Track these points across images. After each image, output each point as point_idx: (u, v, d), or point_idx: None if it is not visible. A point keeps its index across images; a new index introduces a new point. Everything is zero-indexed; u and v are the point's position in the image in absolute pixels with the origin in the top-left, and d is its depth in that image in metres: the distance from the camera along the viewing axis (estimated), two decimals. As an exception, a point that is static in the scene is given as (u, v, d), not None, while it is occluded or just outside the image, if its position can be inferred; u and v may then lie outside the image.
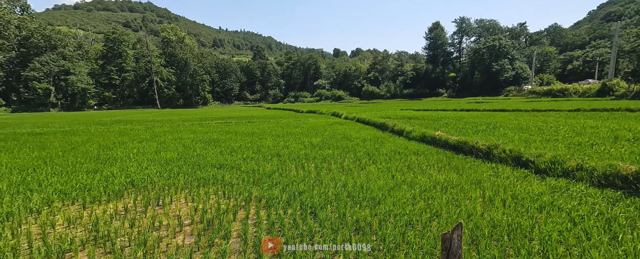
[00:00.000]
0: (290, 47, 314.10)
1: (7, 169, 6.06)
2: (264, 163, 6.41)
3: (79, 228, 3.40)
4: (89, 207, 4.04)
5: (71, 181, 5.11)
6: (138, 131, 13.28)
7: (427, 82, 76.62)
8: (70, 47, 64.19)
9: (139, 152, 7.80)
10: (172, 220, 3.60)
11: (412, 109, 24.52)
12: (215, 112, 33.28)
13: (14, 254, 2.75)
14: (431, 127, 10.93)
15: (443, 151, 7.16)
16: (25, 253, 2.86)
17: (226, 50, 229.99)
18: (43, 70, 56.03)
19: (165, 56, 72.51)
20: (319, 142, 9.16)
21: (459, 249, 1.86)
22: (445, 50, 78.98)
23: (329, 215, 3.55)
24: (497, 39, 64.07)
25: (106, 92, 65.16)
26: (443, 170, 5.47)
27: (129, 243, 3.06)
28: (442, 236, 1.91)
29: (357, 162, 6.40)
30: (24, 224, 3.50)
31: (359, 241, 2.90)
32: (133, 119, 22.79)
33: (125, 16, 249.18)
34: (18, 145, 9.53)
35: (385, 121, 13.22)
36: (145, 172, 5.60)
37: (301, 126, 14.22)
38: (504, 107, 20.83)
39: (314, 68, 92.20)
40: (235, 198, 4.30)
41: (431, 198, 3.98)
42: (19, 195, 4.40)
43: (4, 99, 56.17)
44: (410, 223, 3.24)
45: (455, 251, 1.85)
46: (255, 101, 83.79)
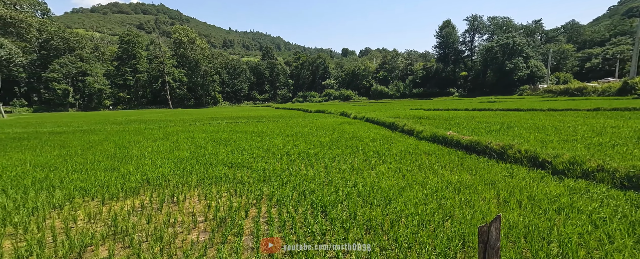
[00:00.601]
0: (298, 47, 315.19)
1: (31, 167, 6.34)
2: (274, 162, 6.47)
3: (99, 223, 3.53)
4: (107, 203, 4.19)
5: (90, 178, 5.30)
6: (152, 131, 13.63)
7: (437, 81, 75.37)
8: (87, 49, 66.50)
9: (153, 151, 8.01)
10: (186, 217, 3.69)
11: (422, 109, 24.17)
12: (225, 112, 33.78)
13: (40, 247, 2.88)
14: (442, 127, 10.75)
15: (455, 151, 7.04)
16: (50, 246, 2.99)
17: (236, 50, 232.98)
18: (62, 71, 58.28)
19: (177, 57, 74.13)
20: (328, 141, 9.17)
21: (497, 241, 1.85)
22: (456, 49, 77.46)
23: (339, 214, 3.56)
24: (510, 36, 62.32)
25: (121, 92, 67.18)
26: (455, 170, 5.38)
27: (146, 238, 3.15)
28: (479, 229, 1.90)
29: (367, 161, 6.37)
30: (48, 219, 3.66)
31: (371, 240, 2.89)
32: (147, 119, 23.41)
33: (139, 18, 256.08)
34: (40, 143, 9.95)
35: (394, 121, 13.09)
36: (160, 171, 5.75)
37: (310, 126, 14.26)
38: (518, 106, 20.27)
39: (323, 68, 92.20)
40: (246, 196, 4.36)
41: (443, 198, 3.93)
42: (43, 191, 4.60)
43: (26, 100, 58.72)
44: (423, 223, 3.21)
45: (493, 244, 1.85)
46: (264, 101, 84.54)
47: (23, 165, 6.49)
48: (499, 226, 1.86)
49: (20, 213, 3.71)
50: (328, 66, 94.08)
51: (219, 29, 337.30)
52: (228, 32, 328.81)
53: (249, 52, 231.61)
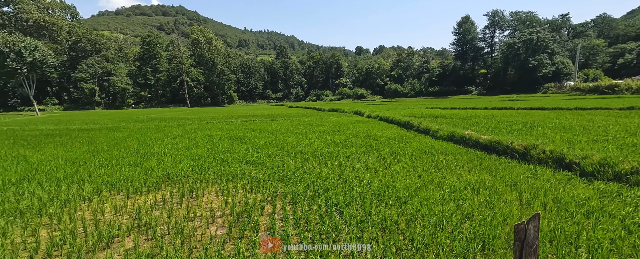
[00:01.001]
0: (312, 46, 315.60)
1: (63, 161, 6.76)
2: (288, 160, 6.53)
3: (124, 216, 3.72)
4: (132, 197, 4.40)
5: (116, 173, 5.58)
6: (171, 128, 14.14)
7: (454, 79, 73.09)
8: (112, 50, 69.90)
9: (173, 148, 8.31)
10: (205, 212, 3.81)
11: (438, 108, 23.56)
12: (240, 111, 34.45)
13: (73, 237, 3.08)
14: (460, 126, 10.44)
15: (473, 151, 6.82)
16: (81, 236, 3.19)
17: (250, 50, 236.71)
18: (89, 71, 61.62)
19: (195, 57, 76.33)
20: (341, 140, 9.14)
21: (535, 240, 1.81)
22: (475, 46, 74.70)
23: (354, 213, 3.55)
24: (534, 32, 59.26)
25: (143, 91, 70.13)
26: (474, 171, 5.22)
27: (168, 231, 3.29)
28: (515, 227, 1.86)
29: (381, 160, 6.30)
30: (79, 211, 3.90)
31: (386, 240, 2.87)
32: (166, 117, 24.31)
33: (159, 20, 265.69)
34: (70, 140, 10.58)
35: (409, 120, 12.85)
36: (179, 167, 5.96)
37: (323, 124, 14.28)
38: (542, 105, 19.30)
39: (336, 66, 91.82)
40: (262, 193, 4.44)
41: (462, 199, 3.82)
42: (74, 184, 4.90)
43: (57, 98, 62.64)
44: (440, 224, 3.14)
45: (531, 242, 1.80)
46: (278, 100, 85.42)
47: (56, 160, 6.93)
48: (537, 224, 1.80)
49: (54, 205, 3.98)
50: (342, 64, 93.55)
51: (234, 29, 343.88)
52: (243, 32, 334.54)
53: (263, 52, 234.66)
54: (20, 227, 3.38)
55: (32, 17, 59.27)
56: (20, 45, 45.42)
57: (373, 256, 2.65)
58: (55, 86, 62.93)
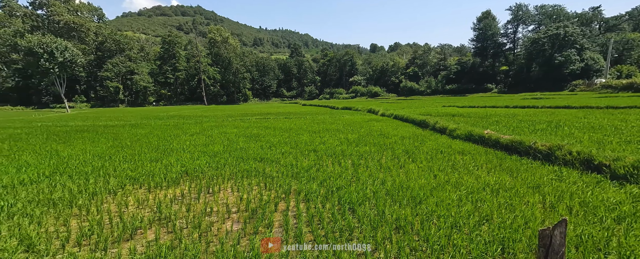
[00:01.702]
0: (326, 44, 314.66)
1: (90, 156, 7.17)
2: (302, 158, 6.58)
3: (146, 209, 3.90)
4: (153, 191, 4.60)
5: (138, 168, 5.85)
6: (189, 125, 14.61)
7: (473, 76, 70.51)
8: (134, 49, 72.99)
9: (191, 145, 8.59)
10: (221, 207, 3.92)
11: (455, 106, 22.86)
12: (255, 109, 35.01)
13: (100, 228, 3.27)
14: (478, 125, 10.08)
15: (493, 151, 6.57)
16: (107, 227, 3.37)
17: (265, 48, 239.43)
18: (114, 70, 64.77)
19: (212, 56, 78.24)
20: (355, 138, 9.09)
21: (561, 247, 1.74)
22: (496, 42, 71.59)
23: (367, 212, 3.53)
24: (561, 26, 55.92)
25: (163, 89, 72.85)
26: (493, 171, 5.03)
27: (187, 224, 3.42)
28: (540, 233, 1.79)
29: (395, 160, 6.21)
30: (105, 203, 4.13)
31: (400, 240, 2.83)
32: (184, 114, 25.13)
33: (178, 20, 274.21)
34: (97, 136, 11.19)
35: (425, 118, 12.56)
36: (196, 163, 6.15)
37: (337, 123, 14.24)
38: (568, 103, 18.25)
39: (350, 64, 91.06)
40: (276, 190, 4.51)
41: (480, 200, 3.70)
42: (100, 178, 5.18)
43: (85, 96, 66.33)
44: (456, 226, 3.06)
45: (557, 249, 1.74)
46: (292, 98, 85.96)
47: (84, 154, 7.36)
48: (564, 230, 1.72)
49: (83, 197, 4.23)
50: (356, 62, 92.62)
51: (250, 27, 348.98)
52: (258, 31, 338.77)
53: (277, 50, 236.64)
54: (53, 217, 3.62)
55: (63, 19, 62.91)
56: (52, 46, 48.44)
57: (387, 256, 2.63)
58: (83, 84, 66.59)
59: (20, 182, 4.91)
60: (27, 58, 51.00)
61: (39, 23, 62.91)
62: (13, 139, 10.34)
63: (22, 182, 4.92)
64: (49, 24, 63.41)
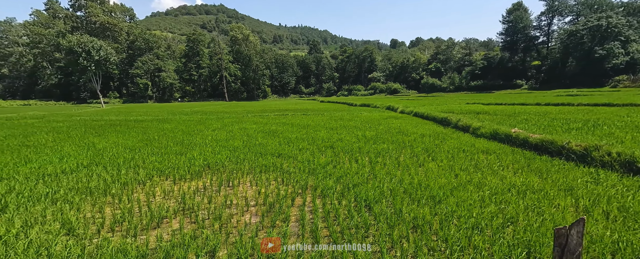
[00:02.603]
0: (345, 40, 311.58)
1: (122, 149, 7.68)
2: (319, 154, 6.61)
3: (171, 200, 4.12)
4: (178, 183, 4.85)
5: (165, 160, 6.19)
6: (211, 121, 15.17)
7: (501, 72, 66.65)
8: (162, 48, 76.72)
9: (213, 140, 8.92)
10: (240, 200, 4.05)
11: (480, 103, 21.81)
12: (274, 105, 35.57)
13: (130, 215, 3.51)
14: (505, 123, 9.57)
15: (520, 151, 6.22)
16: (137, 215, 3.61)
17: (284, 45, 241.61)
18: (143, 68, 68.57)
19: (233, 53, 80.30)
20: (373, 135, 8.98)
21: (578, 247, 1.65)
22: (527, 35, 66.94)
23: (384, 209, 3.49)
24: (603, 17, 51.14)
25: (187, 86, 76.06)
26: (520, 172, 4.77)
27: (208, 216, 3.57)
28: (555, 231, 1.71)
29: (414, 158, 6.07)
30: (135, 193, 4.42)
31: (418, 239, 2.78)
32: (207, 110, 26.10)
33: (202, 19, 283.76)
34: (128, 129, 11.94)
35: (447, 116, 12.12)
36: (218, 157, 6.39)
37: (354, 119, 14.12)
38: (609, 101, 16.76)
39: (369, 60, 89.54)
40: (293, 185, 4.58)
41: (505, 202, 3.53)
42: (131, 169, 5.55)
43: (118, 92, 70.92)
44: (478, 227, 2.95)
45: (573, 249, 1.65)
46: (310, 94, 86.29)
47: (117, 147, 7.90)
48: (581, 230, 1.62)
49: (116, 186, 4.55)
50: (375, 58, 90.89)
51: (270, 25, 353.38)
52: (278, 28, 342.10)
53: (296, 47, 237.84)
54: (90, 204, 3.94)
55: (99, 19, 67.35)
56: (89, 45, 52.08)
57: (403, 255, 2.59)
58: (116, 81, 71.09)
59: (62, 171, 5.38)
60: (67, 57, 55.28)
61: (78, 24, 67.82)
62: (56, 132, 11.31)
63: (64, 171, 5.38)
64: (86, 25, 68.17)
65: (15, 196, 4.03)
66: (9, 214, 3.47)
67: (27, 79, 67.99)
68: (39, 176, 5.05)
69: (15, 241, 2.82)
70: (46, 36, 63.12)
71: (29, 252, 2.62)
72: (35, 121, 16.37)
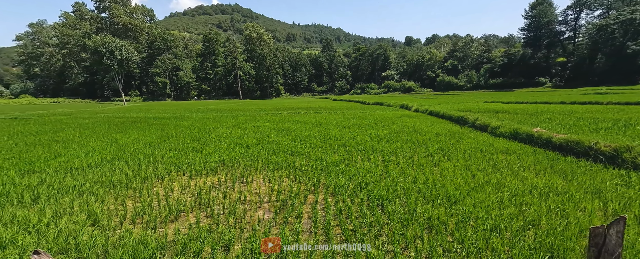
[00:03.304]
0: (358, 38, 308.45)
1: (142, 144, 8.00)
2: (331, 152, 6.60)
3: (188, 194, 4.25)
4: (194, 178, 5.00)
5: (182, 156, 6.39)
6: (226, 119, 15.49)
7: (522, 69, 63.73)
8: (179, 47, 79.02)
9: (227, 137, 9.11)
10: (253, 196, 4.12)
11: (499, 102, 21.00)
12: (286, 103, 35.84)
13: (150, 208, 3.65)
14: (526, 122, 9.17)
15: (543, 151, 5.94)
16: (156, 208, 3.76)
17: (298, 44, 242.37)
18: (162, 67, 70.99)
19: (247, 52, 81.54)
20: (386, 134, 8.86)
21: (617, 247, 1.55)
22: (552, 30, 63.54)
23: (397, 209, 3.44)
24: (638, 10, 47.76)
25: (203, 85, 78.04)
26: (543, 173, 4.55)
27: (223, 210, 3.66)
28: (591, 231, 1.63)
29: (429, 157, 5.94)
30: (154, 187, 4.59)
31: (432, 239, 2.72)
32: (222, 108, 26.68)
33: (218, 18, 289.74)
34: (148, 126, 12.42)
35: (464, 115, 11.75)
36: (232, 154, 6.52)
37: (367, 118, 13.99)
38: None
39: (383, 58, 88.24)
40: (305, 183, 4.60)
41: (525, 204, 3.38)
42: (150, 164, 5.77)
43: (139, 90, 73.86)
44: (496, 229, 2.85)
45: (612, 250, 1.55)
46: (322, 93, 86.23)
47: (137, 143, 8.23)
48: (622, 229, 1.52)
49: (136, 180, 4.75)
50: (389, 56, 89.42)
51: (283, 23, 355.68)
52: (291, 27, 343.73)
53: (309, 45, 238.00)
54: (113, 196, 4.13)
55: (121, 20, 70.26)
56: (112, 45, 54.47)
57: (418, 255, 2.55)
58: (137, 79, 73.98)
59: (88, 165, 5.67)
60: (92, 56, 58.10)
61: (102, 25, 71.07)
62: (82, 128, 11.93)
63: (89, 165, 5.67)
64: (110, 25, 71.32)
65: (46, 188, 4.30)
66: (40, 205, 3.70)
67: (57, 78, 72.07)
68: (67, 170, 5.35)
69: (47, 229, 3.01)
70: (74, 37, 66.64)
71: (59, 240, 2.79)
72: (63, 118, 17.35)
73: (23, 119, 16.41)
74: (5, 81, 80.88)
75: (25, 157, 6.37)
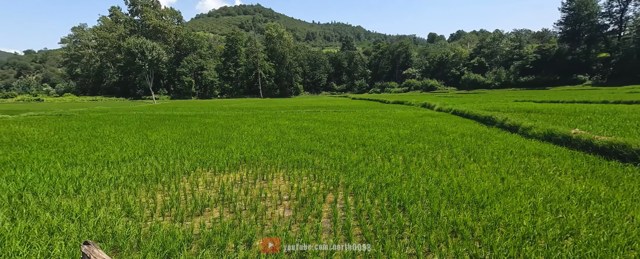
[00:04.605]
0: (379, 36, 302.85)
1: (170, 141, 8.42)
2: (350, 152, 6.55)
3: (212, 190, 4.42)
4: (217, 174, 5.18)
5: (206, 153, 6.64)
6: (247, 117, 15.90)
7: (558, 66, 59.20)
8: (204, 47, 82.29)
9: (248, 135, 9.35)
10: (274, 194, 4.19)
11: (531, 101, 19.69)
12: (306, 102, 36.07)
13: (177, 202, 3.84)
14: (563, 123, 8.52)
15: (582, 154, 5.49)
16: (183, 202, 3.94)
17: (317, 42, 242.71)
18: (188, 67, 74.37)
19: (268, 51, 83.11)
20: (407, 134, 8.63)
21: None
22: (593, 24, 58.30)
23: (419, 211, 3.34)
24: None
25: (226, 83, 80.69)
26: (583, 178, 4.21)
27: (245, 206, 3.76)
28: None
29: (453, 158, 5.70)
30: (181, 182, 4.82)
31: (458, 244, 2.60)
32: (243, 107, 27.42)
33: (240, 19, 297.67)
34: (175, 123, 13.06)
35: (491, 114, 11.16)
36: (253, 151, 6.67)
37: (387, 117, 13.71)
38: (703, 99, 13.95)
39: (404, 56, 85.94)
40: (324, 182, 4.60)
41: (562, 210, 3.14)
42: (177, 160, 6.06)
43: (167, 89, 77.97)
44: (529, 236, 2.67)
45: None
46: (341, 91, 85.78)
47: (166, 139, 8.68)
48: None
49: (165, 175, 5.01)
50: (410, 53, 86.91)
51: (303, 22, 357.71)
52: (311, 25, 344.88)
53: (329, 44, 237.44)
54: (144, 190, 4.39)
55: (152, 23, 74.40)
56: (143, 46, 57.82)
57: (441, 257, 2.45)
58: (165, 79, 78.08)
59: (122, 160, 6.07)
60: (126, 57, 62.03)
61: (135, 27, 75.71)
62: (117, 124, 12.80)
63: (123, 160, 6.07)
64: (142, 28, 75.81)
65: (87, 180, 4.66)
66: (82, 195, 4.02)
67: (95, 78, 77.91)
68: (104, 163, 5.77)
69: (87, 218, 3.26)
70: (110, 39, 71.64)
71: (98, 229, 3.01)
72: (100, 114, 18.72)
73: (66, 116, 17.93)
74: (51, 80, 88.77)
75: (69, 151, 6.94)
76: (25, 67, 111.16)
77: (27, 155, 6.47)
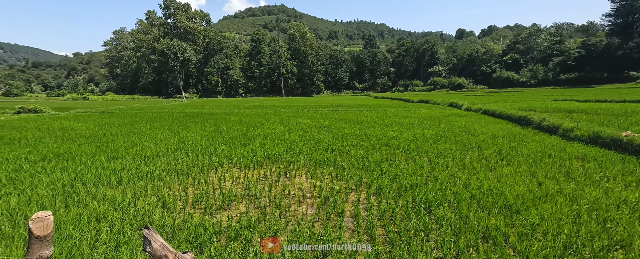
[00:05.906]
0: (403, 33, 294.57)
1: (199, 137, 8.86)
2: (373, 151, 6.46)
3: (238, 185, 4.59)
4: (243, 170, 5.36)
5: (232, 150, 6.90)
6: (270, 115, 16.26)
7: (606, 62, 53.61)
8: (230, 48, 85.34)
9: (271, 133, 9.56)
10: (297, 191, 4.25)
11: (573, 100, 18.09)
12: (327, 101, 36.09)
13: (207, 196, 4.04)
14: (611, 124, 7.73)
15: (635, 159, 4.97)
16: (211, 196, 4.14)
17: (339, 41, 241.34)
18: (215, 67, 77.61)
19: (290, 51, 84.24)
20: (432, 134, 8.33)
21: None
22: (650, 13, 52.13)
23: (447, 214, 3.22)
24: None
25: (250, 83, 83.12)
26: (635, 185, 3.81)
27: (269, 202, 3.86)
28: None
29: (483, 160, 5.41)
30: (209, 177, 5.06)
31: (490, 251, 2.47)
32: (266, 105, 28.07)
33: (264, 19, 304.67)
34: (203, 121, 13.71)
35: (527, 114, 10.42)
36: (276, 149, 6.82)
37: (411, 117, 13.32)
38: None
39: (430, 53, 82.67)
40: (346, 181, 4.59)
41: (610, 220, 2.87)
42: (206, 156, 6.36)
43: (195, 89, 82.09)
44: (571, 246, 2.47)
45: None
46: (363, 90, 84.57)
47: (195, 136, 9.15)
48: None
49: (195, 170, 5.29)
50: (436, 50, 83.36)
51: (325, 21, 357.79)
52: (334, 24, 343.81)
53: (351, 42, 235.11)
54: (177, 183, 4.67)
55: (183, 25, 78.54)
56: (175, 48, 61.26)
57: (470, 266, 2.35)
58: (194, 79, 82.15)
59: (157, 154, 6.50)
60: (160, 58, 66.15)
61: (168, 30, 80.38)
62: (152, 121, 13.72)
63: (158, 154, 6.50)
64: (174, 30, 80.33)
65: (127, 173, 5.05)
66: (123, 187, 4.37)
67: (132, 78, 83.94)
68: (142, 158, 6.21)
69: (128, 208, 3.54)
70: (146, 41, 76.74)
71: (138, 218, 3.27)
72: (138, 112, 20.16)
73: (108, 113, 19.53)
74: (95, 80, 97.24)
75: (111, 146, 7.57)
76: (73, 68, 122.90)
77: (76, 148, 7.16)
